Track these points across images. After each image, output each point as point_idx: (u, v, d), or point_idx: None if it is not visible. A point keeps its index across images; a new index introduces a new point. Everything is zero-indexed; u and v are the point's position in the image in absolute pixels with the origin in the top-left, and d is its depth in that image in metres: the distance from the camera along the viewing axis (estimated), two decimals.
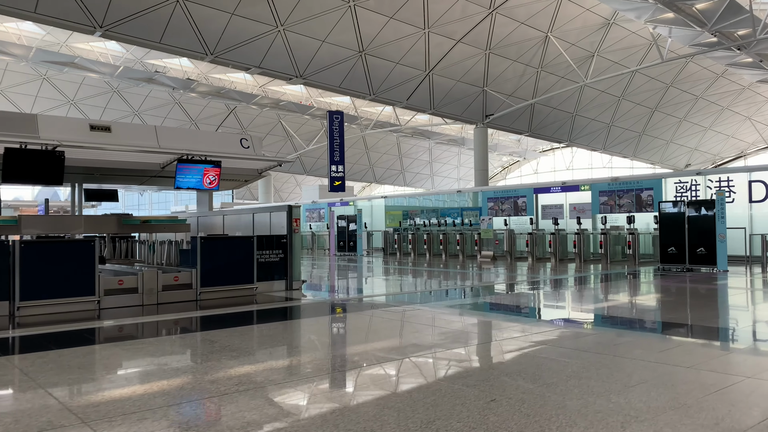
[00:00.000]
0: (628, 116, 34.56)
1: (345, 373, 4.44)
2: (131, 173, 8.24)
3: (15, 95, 32.05)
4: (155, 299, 7.93)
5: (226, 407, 3.50)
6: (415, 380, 4.23)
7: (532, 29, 24.57)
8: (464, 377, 4.24)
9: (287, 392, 3.89)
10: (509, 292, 10.16)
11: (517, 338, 5.60)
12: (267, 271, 9.18)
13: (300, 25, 20.74)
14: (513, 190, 17.95)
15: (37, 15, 16.92)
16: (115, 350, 5.50)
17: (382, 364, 4.62)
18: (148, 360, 4.96)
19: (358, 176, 49.00)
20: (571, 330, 6.38)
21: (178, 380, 4.19)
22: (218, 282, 8.54)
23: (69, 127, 7.39)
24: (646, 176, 15.87)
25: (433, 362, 4.77)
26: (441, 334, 6.04)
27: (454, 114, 28.74)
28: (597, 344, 5.36)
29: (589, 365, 4.41)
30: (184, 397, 3.74)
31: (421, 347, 5.29)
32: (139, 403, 3.56)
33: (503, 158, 57.58)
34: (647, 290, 10.41)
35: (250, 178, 9.46)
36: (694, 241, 12.18)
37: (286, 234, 9.28)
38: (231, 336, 5.90)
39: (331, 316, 7.66)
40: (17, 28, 25.83)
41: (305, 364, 4.71)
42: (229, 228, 10.15)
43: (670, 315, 7.58)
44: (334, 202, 24.74)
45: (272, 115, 39.64)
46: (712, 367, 4.40)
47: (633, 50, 27.47)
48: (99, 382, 4.22)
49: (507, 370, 4.43)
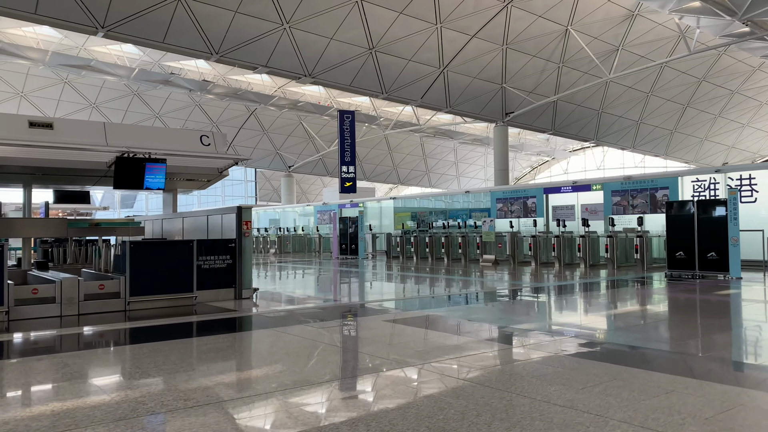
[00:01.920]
0: (658, 113, 33.07)
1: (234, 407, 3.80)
2: (78, 173, 7.79)
3: (38, 99, 32.49)
4: (76, 310, 7.34)
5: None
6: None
7: (550, 23, 23.57)
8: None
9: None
10: (466, 303, 9.08)
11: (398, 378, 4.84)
12: (212, 279, 8.50)
13: (306, 23, 20.25)
14: (522, 191, 17.04)
15: (37, 16, 16.82)
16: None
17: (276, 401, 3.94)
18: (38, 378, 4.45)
19: (382, 178, 48.40)
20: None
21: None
22: (151, 291, 7.87)
23: (4, 124, 6.95)
24: (661, 174, 14.79)
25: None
26: (367, 370, 4.77)
27: (472, 112, 27.88)
28: (502, 378, 4.20)
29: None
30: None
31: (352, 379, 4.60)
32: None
33: (532, 158, 56.23)
34: (639, 302, 9.05)
35: (212, 178, 8.92)
36: (705, 245, 11.06)
37: (234, 238, 8.58)
38: (139, 354, 5.33)
39: (270, 331, 6.66)
40: (34, 32, 26.03)
41: (194, 392, 4.09)
42: (190, 232, 9.59)
43: (651, 338, 5.90)
44: (344, 204, 24.18)
45: (293, 116, 39.36)
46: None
47: (660, 43, 26.16)
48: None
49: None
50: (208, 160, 8.12)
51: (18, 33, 26.02)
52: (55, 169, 7.35)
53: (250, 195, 47.64)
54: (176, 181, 8.98)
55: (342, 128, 23.47)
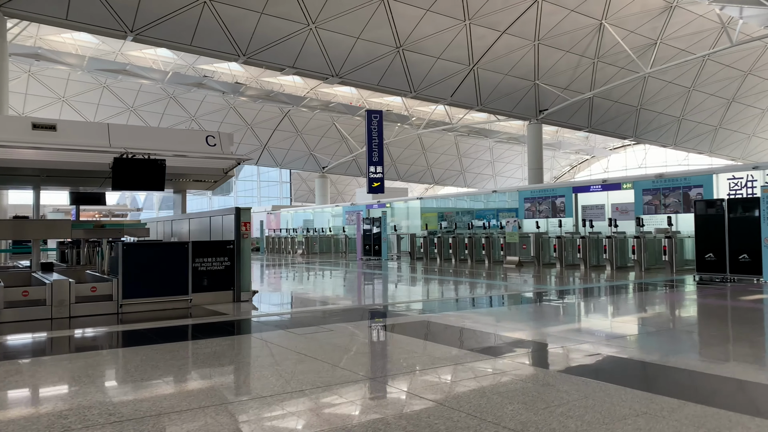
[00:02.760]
0: (700, 108, 31.80)
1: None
2: (81, 174, 7.83)
3: (79, 104, 33.45)
4: (67, 312, 7.28)
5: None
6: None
7: (584, 17, 22.89)
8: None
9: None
10: (457, 309, 8.53)
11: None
12: (209, 281, 8.34)
13: (332, 22, 20.18)
14: (551, 190, 16.50)
15: (69, 21, 17.20)
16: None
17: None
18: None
19: (416, 178, 48.09)
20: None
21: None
22: (144, 293, 7.74)
23: (8, 126, 7.03)
24: (695, 172, 14.05)
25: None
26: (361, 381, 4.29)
27: (505, 110, 27.37)
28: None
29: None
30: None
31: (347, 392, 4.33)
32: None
33: (571, 156, 55.00)
34: (652, 309, 8.22)
35: (218, 178, 8.86)
36: (736, 246, 10.37)
37: (233, 240, 8.45)
38: (99, 361, 5.16)
39: (255, 339, 6.26)
40: (72, 39, 26.77)
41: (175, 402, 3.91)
42: (196, 233, 9.54)
43: (667, 352, 5.15)
44: (371, 204, 24.03)
45: (326, 117, 39.48)
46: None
47: (701, 35, 25.12)
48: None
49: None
50: (211, 161, 8.04)
51: (57, 39, 26.81)
52: (59, 170, 7.42)
53: (285, 196, 48.02)
54: (183, 182, 8.99)
55: (369, 128, 23.31)
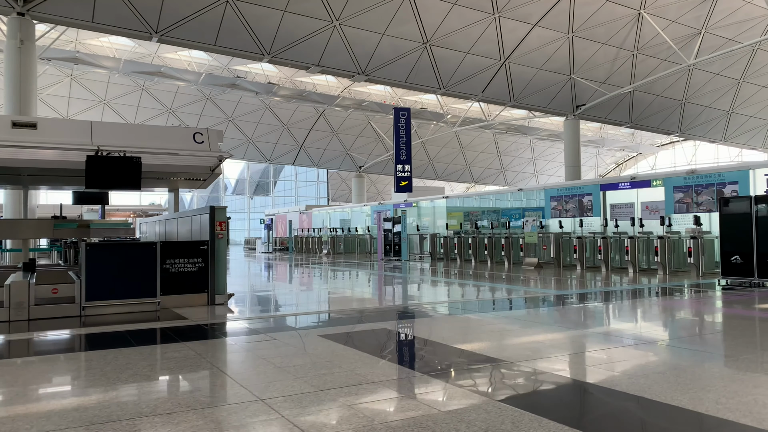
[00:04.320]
0: (752, 101, 30.12)
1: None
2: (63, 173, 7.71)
3: (119, 106, 34.23)
4: (26, 315, 7.02)
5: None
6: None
7: (620, 6, 21.90)
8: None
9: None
10: (448, 313, 8.12)
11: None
12: (182, 284, 8.03)
13: (356, 19, 19.88)
14: (578, 188, 15.69)
15: (95, 24, 17.44)
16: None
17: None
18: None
19: (455, 177, 47.40)
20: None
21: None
22: (109, 295, 7.46)
23: None
24: (730, 167, 13.04)
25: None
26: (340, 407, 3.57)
27: (540, 106, 26.51)
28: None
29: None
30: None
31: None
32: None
33: (617, 154, 53.23)
34: (656, 321, 6.98)
35: (206, 176, 8.63)
36: (765, 247, 9.49)
37: (206, 240, 8.11)
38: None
39: (208, 346, 5.59)
40: (109, 42, 27.34)
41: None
42: (184, 233, 9.28)
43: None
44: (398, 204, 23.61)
45: (361, 117, 39.30)
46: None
47: (749, 24, 23.74)
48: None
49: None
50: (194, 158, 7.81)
51: (95, 43, 27.44)
52: (40, 169, 7.33)
53: (322, 196, 48.07)
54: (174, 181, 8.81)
55: (397, 126, 22.91)
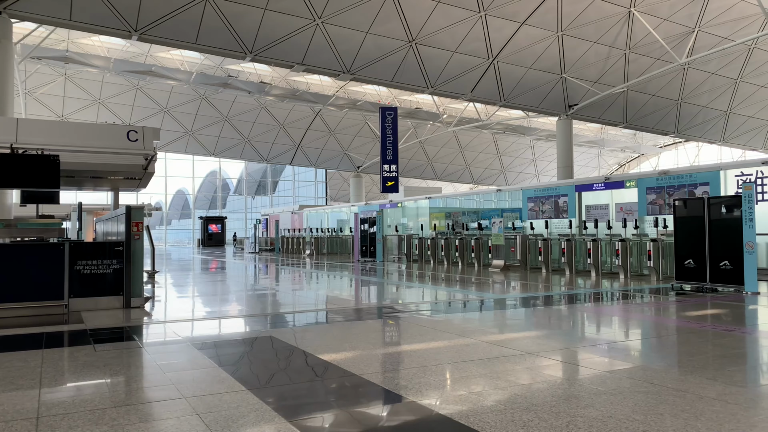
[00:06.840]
0: (751, 101, 29.58)
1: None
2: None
3: (114, 105, 34.27)
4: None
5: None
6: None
7: (610, 5, 21.53)
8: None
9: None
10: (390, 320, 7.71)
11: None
12: (95, 286, 7.81)
13: (338, 17, 19.68)
14: (554, 189, 15.36)
15: (73, 22, 17.34)
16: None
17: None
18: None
19: (454, 177, 47.07)
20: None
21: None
22: (9, 297, 7.20)
23: None
24: (701, 168, 12.67)
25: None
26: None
27: (531, 105, 26.18)
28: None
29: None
30: None
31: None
32: None
33: (619, 155, 52.63)
34: (587, 329, 6.53)
35: (140, 176, 8.43)
36: (717, 251, 9.07)
37: (122, 241, 7.89)
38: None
39: (84, 354, 5.14)
40: (100, 41, 27.31)
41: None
42: (117, 234, 9.04)
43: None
44: (384, 204, 23.37)
45: (358, 116, 39.12)
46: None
47: (744, 21, 23.27)
48: None
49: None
50: (123, 156, 7.62)
51: (87, 42, 27.42)
52: None
53: (321, 195, 47.91)
54: (112, 180, 8.61)
55: (384, 125, 22.66)
